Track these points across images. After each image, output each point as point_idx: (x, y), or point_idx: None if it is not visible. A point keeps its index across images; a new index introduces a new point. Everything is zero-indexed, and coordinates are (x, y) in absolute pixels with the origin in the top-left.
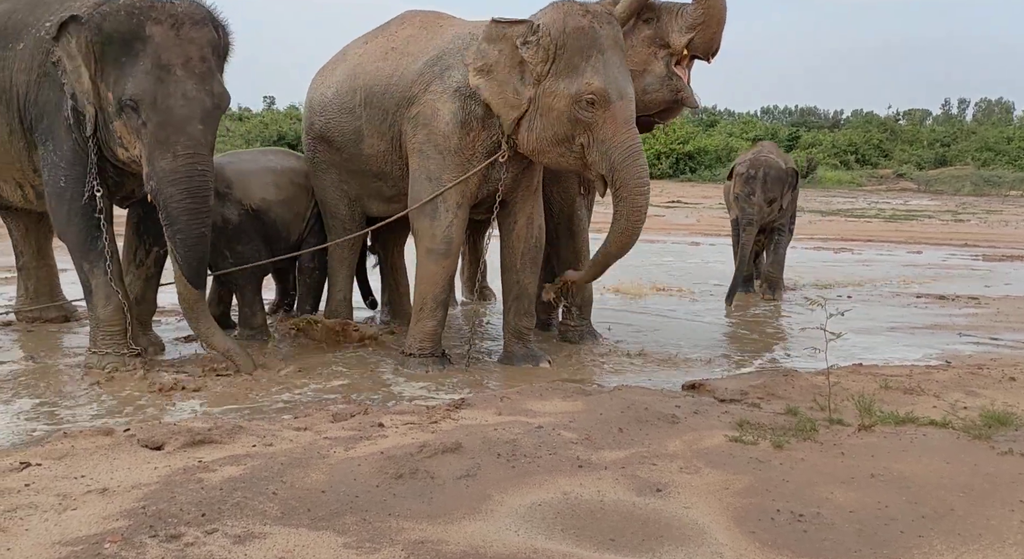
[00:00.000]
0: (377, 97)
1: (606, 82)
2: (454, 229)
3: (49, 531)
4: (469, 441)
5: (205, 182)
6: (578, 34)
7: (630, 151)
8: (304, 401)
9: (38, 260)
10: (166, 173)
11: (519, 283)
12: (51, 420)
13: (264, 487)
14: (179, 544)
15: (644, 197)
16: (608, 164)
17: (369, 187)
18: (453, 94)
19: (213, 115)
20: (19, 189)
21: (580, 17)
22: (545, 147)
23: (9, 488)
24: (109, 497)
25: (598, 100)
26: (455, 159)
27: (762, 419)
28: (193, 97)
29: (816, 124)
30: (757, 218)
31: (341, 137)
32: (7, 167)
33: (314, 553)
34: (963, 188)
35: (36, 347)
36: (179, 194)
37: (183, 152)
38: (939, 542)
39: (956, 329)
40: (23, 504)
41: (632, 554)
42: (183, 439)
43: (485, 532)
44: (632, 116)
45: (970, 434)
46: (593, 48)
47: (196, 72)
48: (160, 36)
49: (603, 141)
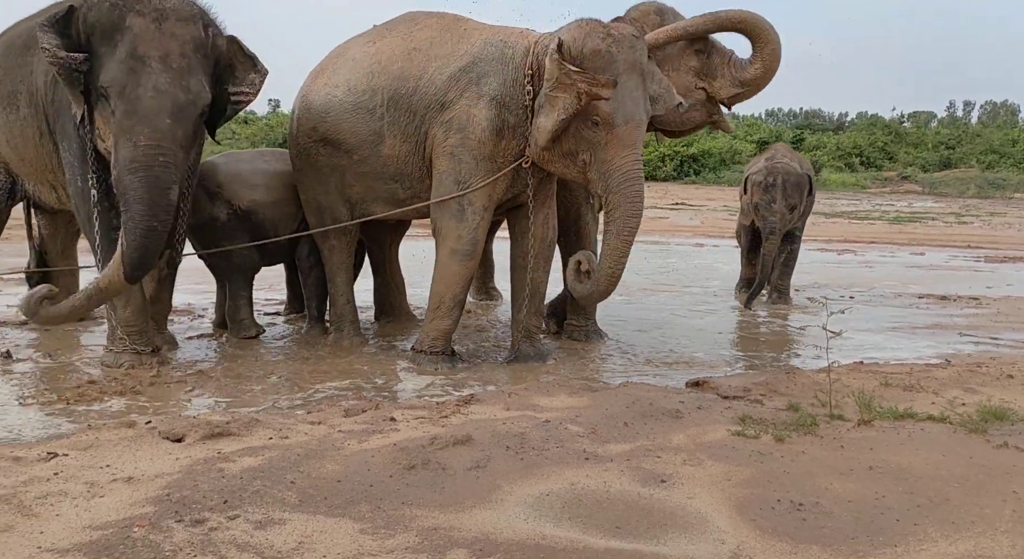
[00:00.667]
0: (404, 99)
1: (613, 107)
2: (480, 232)
3: (79, 516)
4: (479, 434)
5: (166, 174)
6: (594, 56)
7: (627, 177)
8: (317, 398)
9: (61, 260)
10: (126, 161)
11: (532, 282)
12: (72, 415)
13: (282, 476)
14: (204, 528)
15: (636, 220)
16: (604, 185)
17: (379, 190)
18: (489, 102)
19: (186, 111)
20: (52, 191)
21: (599, 39)
22: (553, 158)
23: (39, 476)
24: (134, 485)
25: (602, 123)
26: (487, 165)
27: (764, 414)
28: (165, 90)
29: (820, 126)
30: (780, 226)
31: (354, 139)
32: (41, 170)
33: (332, 538)
34: (968, 190)
35: (53, 346)
36: (136, 182)
37: (144, 143)
38: (933, 530)
39: (957, 329)
40: (53, 491)
41: (637, 541)
42: (202, 431)
43: (495, 520)
44: (637, 140)
45: (967, 428)
46: (607, 71)
47: (173, 66)
48: (139, 28)
49: (603, 162)
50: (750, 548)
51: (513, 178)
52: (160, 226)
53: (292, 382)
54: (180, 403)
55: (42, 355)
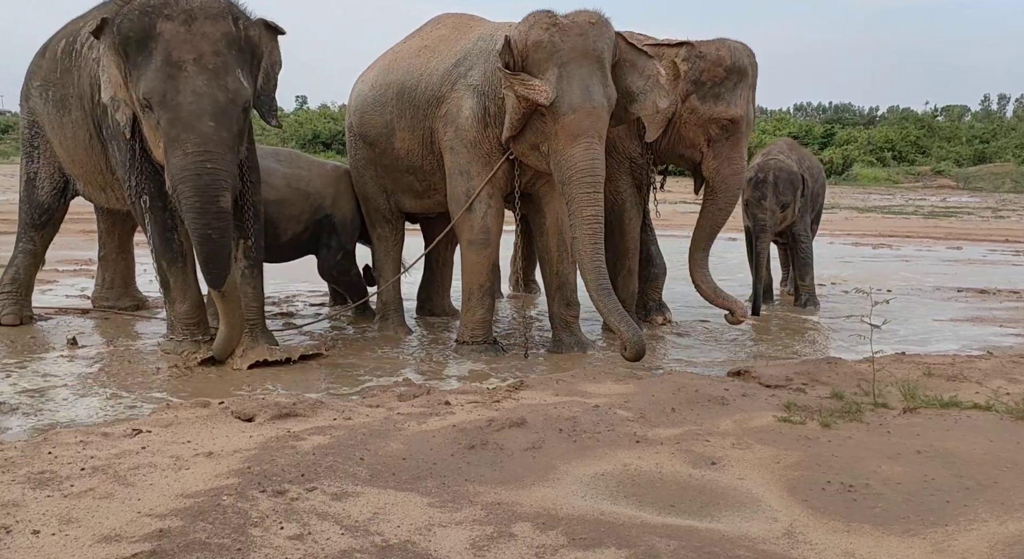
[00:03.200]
0: (409, 92)
1: (556, 95)
2: (489, 219)
3: (171, 486)
4: (532, 417)
5: (215, 180)
6: (536, 47)
7: (576, 168)
8: (369, 385)
9: (118, 253)
10: (177, 170)
11: (558, 274)
12: (143, 396)
13: (351, 453)
14: (285, 499)
15: (591, 209)
16: (560, 177)
17: (401, 182)
18: (473, 91)
19: (228, 111)
20: (102, 192)
21: (542, 30)
22: (524, 150)
23: (129, 450)
24: (216, 459)
25: (547, 113)
26: (477, 152)
27: (808, 402)
28: (203, 93)
29: (851, 121)
30: (771, 224)
31: (374, 131)
32: (93, 172)
33: (404, 511)
34: (1003, 185)
35: (114, 333)
36: (188, 191)
37: (192, 150)
38: (983, 510)
39: (997, 322)
40: (143, 463)
41: (692, 518)
42: (271, 412)
43: (554, 497)
44: (586, 129)
45: (1013, 415)
46: (550, 62)
47: (208, 67)
48: (170, 32)
49: (556, 152)
50: (803, 525)
51: (519, 167)
52: (214, 233)
53: (342, 370)
54: (240, 387)
55: (105, 342)
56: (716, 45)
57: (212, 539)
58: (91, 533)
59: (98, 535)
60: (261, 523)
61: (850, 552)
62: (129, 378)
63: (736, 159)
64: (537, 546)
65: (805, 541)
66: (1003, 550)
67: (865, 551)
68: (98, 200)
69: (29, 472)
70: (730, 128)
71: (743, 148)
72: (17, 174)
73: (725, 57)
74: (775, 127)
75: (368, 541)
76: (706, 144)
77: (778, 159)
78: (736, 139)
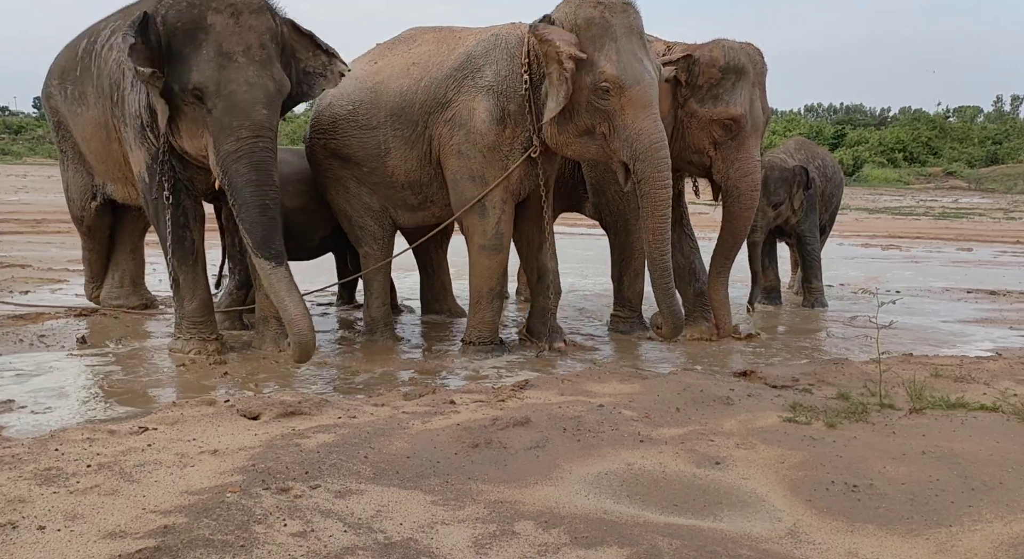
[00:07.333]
0: (405, 111)
1: (619, 69)
2: (503, 225)
3: (176, 483)
4: (536, 416)
5: (269, 158)
6: (588, 24)
7: (651, 141)
8: (374, 384)
9: (128, 253)
10: (229, 154)
11: (540, 264)
12: (150, 394)
13: (355, 452)
14: (289, 496)
15: (666, 190)
16: (631, 152)
17: (394, 198)
18: (486, 93)
19: (276, 100)
20: (123, 186)
21: (591, 8)
22: (570, 139)
23: (134, 447)
24: (221, 457)
25: (612, 88)
26: (495, 156)
27: (814, 403)
28: (255, 82)
29: (862, 122)
30: (761, 224)
31: (361, 152)
32: (113, 167)
33: (407, 508)
34: (1015, 186)
35: (121, 333)
36: (243, 168)
37: (247, 135)
38: (988, 511)
39: (1007, 323)
40: (149, 461)
41: (695, 517)
42: (277, 410)
43: (557, 496)
44: (651, 101)
45: (1020, 417)
46: (605, 37)
47: (257, 59)
48: (220, 24)
49: (623, 128)
50: (807, 525)
51: (528, 170)
52: (271, 203)
53: (350, 370)
54: (247, 385)
55: (113, 341)
56: (710, 47)
57: (216, 536)
58: (96, 529)
59: (103, 531)
60: (265, 520)
61: (853, 552)
62: (137, 377)
63: (744, 160)
64: (539, 544)
65: (808, 541)
66: (1007, 551)
67: (868, 551)
68: (118, 195)
69: (36, 468)
70: (734, 129)
71: (751, 149)
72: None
73: (719, 57)
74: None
75: (371, 538)
76: (712, 148)
77: (773, 158)
78: (742, 140)
